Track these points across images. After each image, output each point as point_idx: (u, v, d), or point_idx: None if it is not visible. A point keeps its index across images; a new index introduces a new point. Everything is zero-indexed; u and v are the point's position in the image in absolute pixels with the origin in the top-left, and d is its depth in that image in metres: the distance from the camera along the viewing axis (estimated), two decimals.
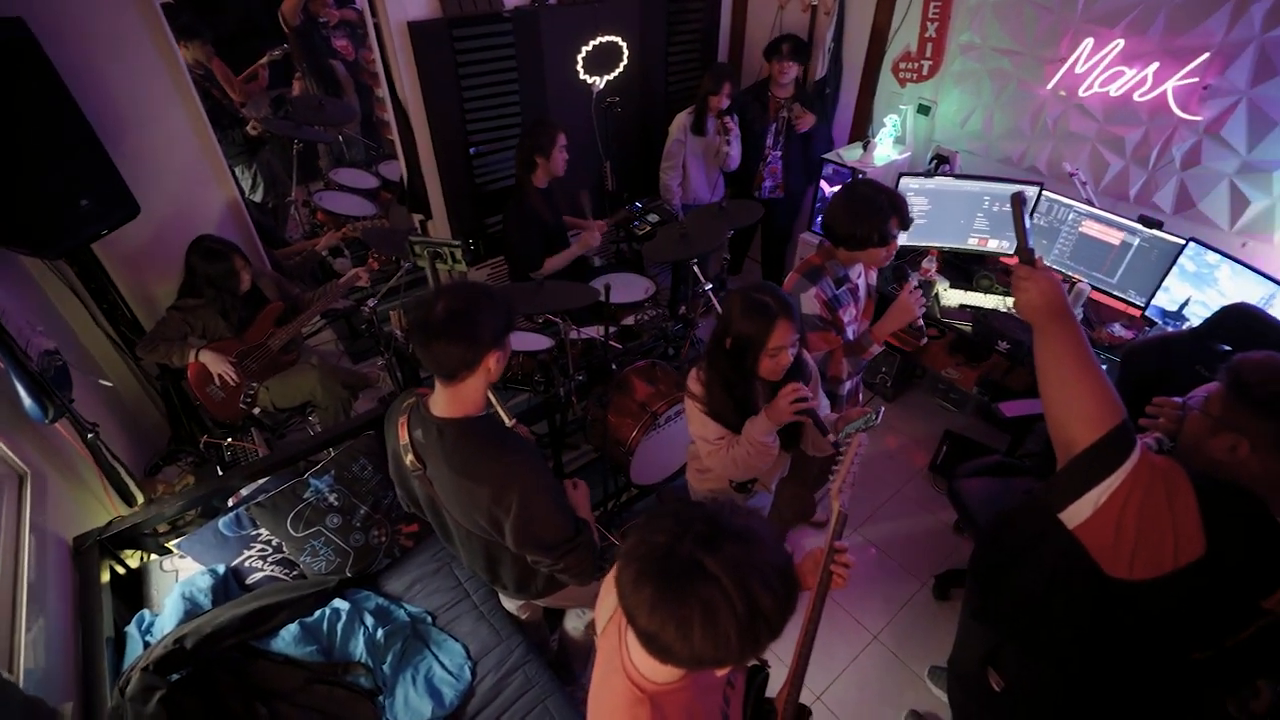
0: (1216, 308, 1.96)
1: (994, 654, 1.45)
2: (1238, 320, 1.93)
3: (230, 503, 2.11)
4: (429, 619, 1.98)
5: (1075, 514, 1.04)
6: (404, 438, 1.47)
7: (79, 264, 2.50)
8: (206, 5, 4.54)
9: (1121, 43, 2.45)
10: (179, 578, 1.92)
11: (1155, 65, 2.39)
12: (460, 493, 1.43)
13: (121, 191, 2.37)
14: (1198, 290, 2.35)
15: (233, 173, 3.01)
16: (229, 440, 2.75)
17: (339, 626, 1.81)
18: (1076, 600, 1.20)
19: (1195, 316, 2.37)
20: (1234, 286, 2.23)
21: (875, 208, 1.84)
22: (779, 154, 3.42)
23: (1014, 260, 1.15)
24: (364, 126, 4.74)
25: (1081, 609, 1.20)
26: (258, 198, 4.07)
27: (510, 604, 1.99)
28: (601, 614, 1.13)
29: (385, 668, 1.77)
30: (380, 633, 1.83)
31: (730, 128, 3.25)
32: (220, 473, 2.65)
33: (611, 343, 2.58)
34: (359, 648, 1.79)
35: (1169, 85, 2.38)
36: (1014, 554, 1.38)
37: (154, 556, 2.04)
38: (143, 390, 2.96)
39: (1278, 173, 2.28)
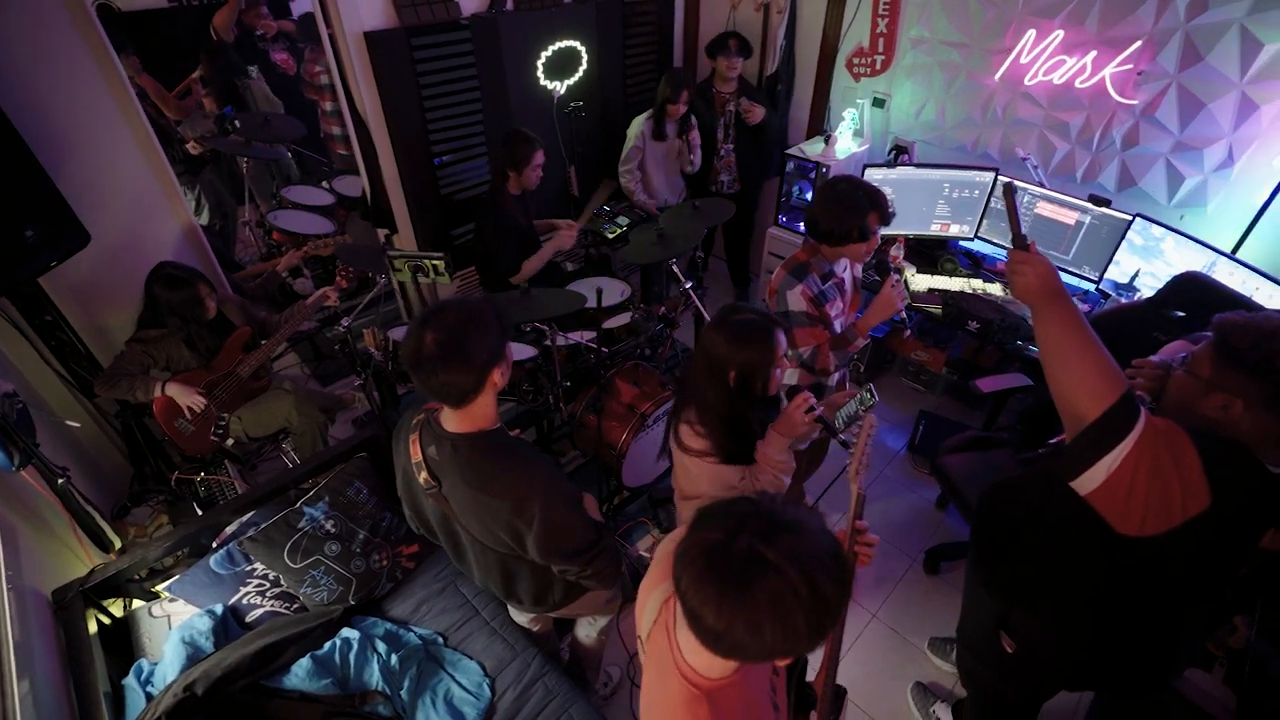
0: (1165, 278, 2.11)
1: (1004, 618, 1.52)
2: (1189, 288, 2.08)
3: (218, 540, 2.01)
4: (440, 640, 1.94)
5: (1088, 481, 1.10)
6: (416, 455, 1.44)
7: (22, 299, 2.35)
8: (127, 18, 4.31)
9: (1061, 33, 2.60)
10: (172, 622, 1.82)
11: (1093, 54, 2.55)
12: (479, 508, 1.41)
13: (69, 220, 2.24)
14: (1146, 262, 2.51)
15: None
16: (201, 475, 2.63)
17: (351, 656, 1.75)
18: (1086, 561, 1.27)
19: (1146, 287, 2.54)
20: (1178, 257, 2.40)
21: (854, 204, 1.88)
22: (731, 147, 3.49)
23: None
24: (311, 142, 4.58)
25: (1092, 569, 1.27)
26: (203, 220, 3.90)
27: (521, 618, 1.97)
28: (644, 619, 1.13)
29: (403, 694, 1.73)
30: (394, 659, 1.78)
31: (693, 139, 3.30)
32: (197, 509, 2.53)
33: (596, 346, 2.57)
34: (374, 676, 1.74)
35: (1106, 72, 2.54)
36: (1018, 523, 1.45)
37: (140, 603, 1.93)
38: (100, 430, 2.80)
39: (1207, 150, 2.46)
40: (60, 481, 1.87)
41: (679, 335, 3.40)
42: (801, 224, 2.73)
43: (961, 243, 3.12)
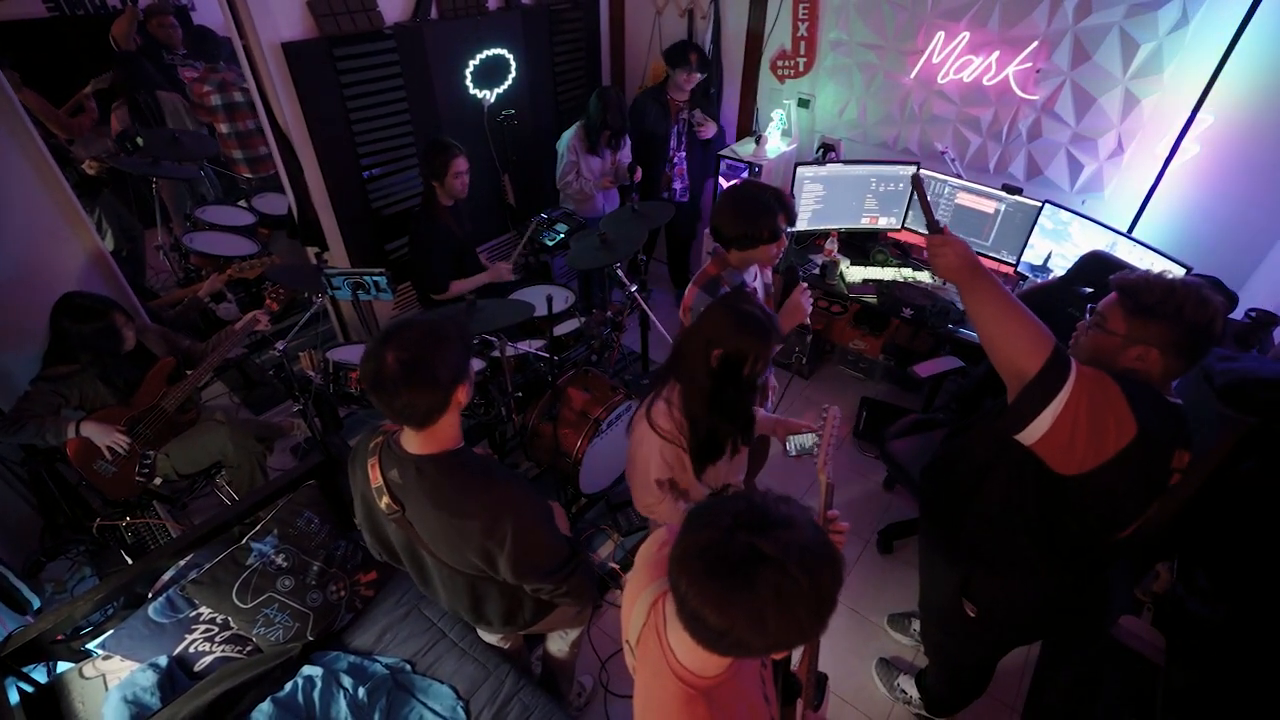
0: (1074, 258, 2.28)
1: (964, 585, 1.61)
2: (1093, 265, 2.26)
3: (154, 588, 1.87)
4: (408, 667, 1.87)
5: (1035, 430, 1.19)
6: (376, 480, 1.38)
7: None
8: (6, 30, 3.96)
9: (967, 35, 2.77)
10: (109, 682, 1.68)
11: (997, 53, 2.73)
12: (449, 531, 1.36)
13: None
14: (1056, 244, 2.71)
15: None
16: (127, 520, 2.43)
17: (315, 695, 1.67)
18: (1031, 508, 1.38)
19: (1058, 267, 2.74)
20: (1084, 238, 2.60)
21: (762, 205, 1.90)
22: (684, 155, 3.54)
23: (903, 235, 1.29)
24: (219, 160, 4.32)
25: (1037, 514, 1.38)
26: (109, 245, 3.61)
27: (490, 637, 1.92)
28: (631, 624, 1.13)
29: None
30: (361, 692, 1.71)
31: (622, 158, 3.40)
32: (126, 557, 2.34)
33: (546, 354, 2.55)
34: (342, 712, 1.66)
35: (1009, 70, 2.73)
36: (968, 488, 1.54)
37: (67, 665, 1.77)
38: (1, 479, 2.55)
39: (1100, 140, 2.69)
40: None
41: (625, 339, 3.42)
42: None
43: (890, 234, 3.27)
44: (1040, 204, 2.72)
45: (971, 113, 2.92)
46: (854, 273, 3.07)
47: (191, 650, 1.75)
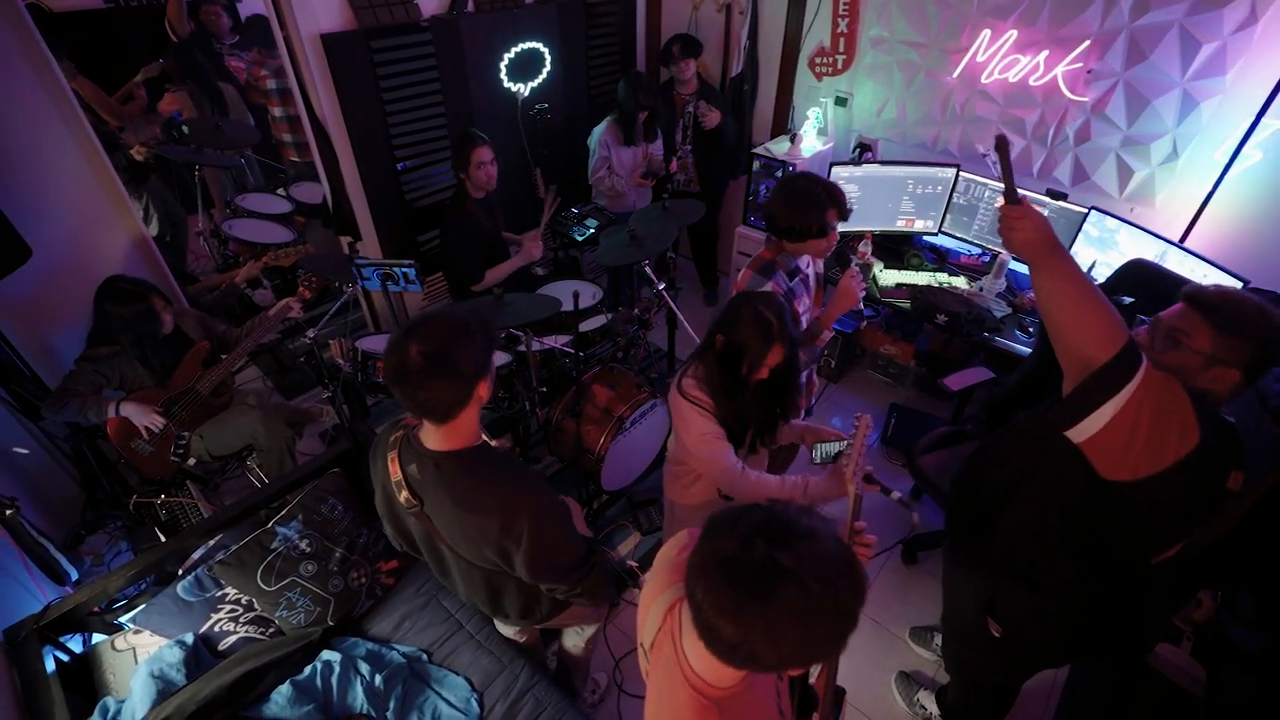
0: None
1: (990, 602, 1.55)
2: (1136, 274, 2.17)
3: (185, 566, 1.92)
4: (425, 657, 1.89)
5: (1090, 426, 1.12)
6: (396, 474, 1.38)
7: None
8: (60, 19, 4.09)
9: (1014, 33, 2.68)
10: (138, 656, 1.73)
11: (1045, 53, 2.63)
12: (466, 527, 1.37)
13: (7, 234, 2.11)
14: (1101, 253, 2.61)
15: None
16: (162, 497, 2.51)
17: (333, 679, 1.69)
18: (1070, 518, 1.31)
19: (1102, 276, 2.63)
20: (1132, 247, 2.50)
21: (813, 200, 1.88)
22: (689, 148, 3.51)
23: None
24: (266, 148, 4.42)
25: (1075, 525, 1.31)
26: (154, 230, 3.72)
27: (507, 630, 1.93)
28: (647, 628, 1.12)
29: (389, 715, 1.68)
30: (378, 679, 1.73)
31: (655, 148, 3.34)
32: (159, 534, 2.41)
33: (572, 350, 2.55)
34: (358, 698, 1.68)
35: (1058, 70, 2.63)
36: (1001, 496, 1.48)
37: (102, 637, 1.83)
38: (48, 455, 2.65)
39: (1154, 144, 2.57)
40: (9, 513, 1.76)
41: (652, 337, 3.40)
42: None
43: (926, 238, 3.19)
44: (1086, 210, 2.62)
45: (1016, 114, 2.82)
46: (887, 276, 3.00)
47: (217, 629, 1.79)
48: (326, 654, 1.76)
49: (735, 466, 1.67)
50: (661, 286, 2.73)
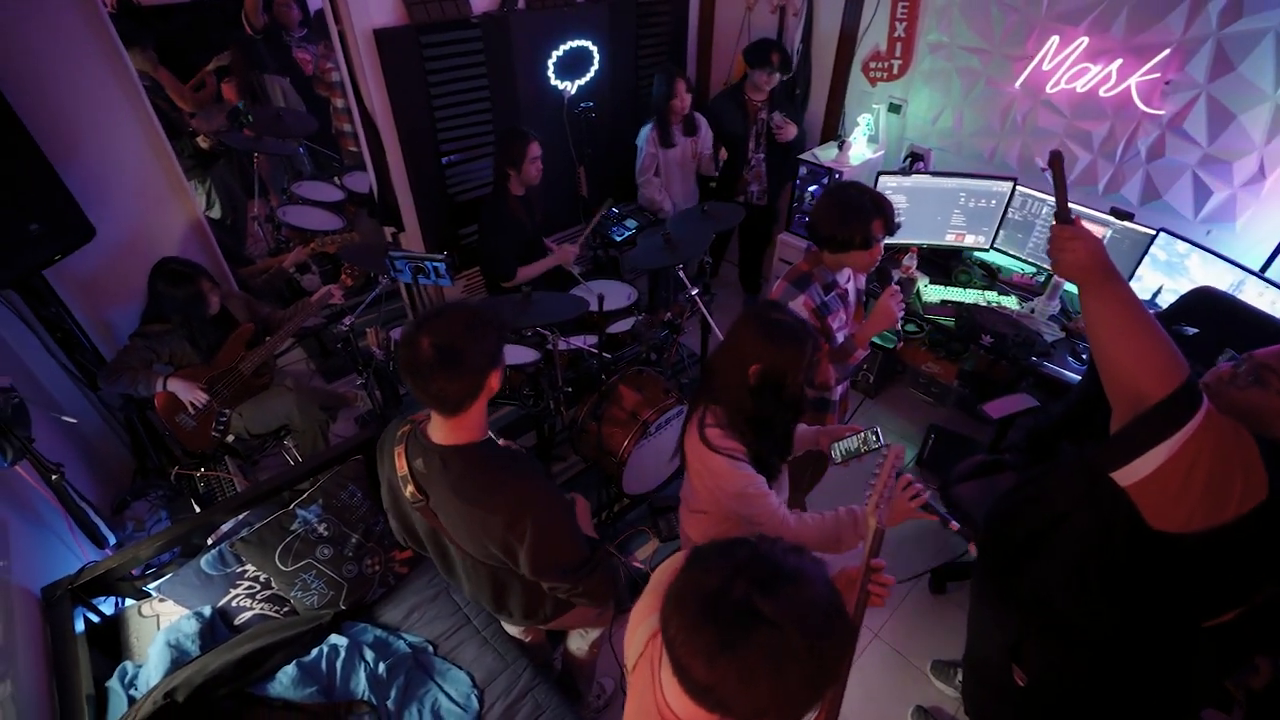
0: None
1: (1016, 648, 1.46)
2: (1202, 303, 2.00)
3: (211, 539, 2.00)
4: (430, 648, 1.91)
5: (1139, 469, 1.02)
6: (402, 468, 1.40)
7: (29, 292, 2.35)
8: (148, 11, 4.33)
9: (1085, 40, 2.51)
10: (160, 623, 1.81)
11: (1119, 62, 2.46)
12: (470, 522, 1.37)
13: (74, 213, 2.24)
14: (1170, 279, 2.43)
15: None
16: (201, 470, 2.62)
17: (338, 664, 1.73)
18: (1115, 565, 1.19)
19: (1168, 305, 2.45)
20: (1204, 274, 2.31)
21: (859, 210, 1.81)
22: (762, 157, 3.43)
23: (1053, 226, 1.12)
24: (324, 138, 4.58)
25: (1120, 574, 1.19)
26: (215, 214, 3.91)
27: (513, 629, 1.94)
28: (631, 649, 1.08)
29: (390, 704, 1.70)
30: (382, 667, 1.75)
31: (703, 138, 3.24)
32: (195, 505, 2.52)
33: (599, 352, 2.53)
34: (361, 685, 1.71)
35: (1132, 81, 2.46)
36: (1038, 536, 1.38)
37: (132, 602, 1.92)
38: (105, 423, 2.80)
39: (1237, 163, 2.37)
40: (55, 477, 1.86)
41: (685, 341, 3.36)
42: None
43: (977, 254, 3.04)
44: (1154, 232, 2.44)
45: (1083, 126, 2.65)
46: (932, 292, 2.87)
47: (234, 604, 1.85)
48: (334, 638, 1.79)
49: (784, 517, 1.55)
50: (694, 291, 2.69)
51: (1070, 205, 1.14)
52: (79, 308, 2.53)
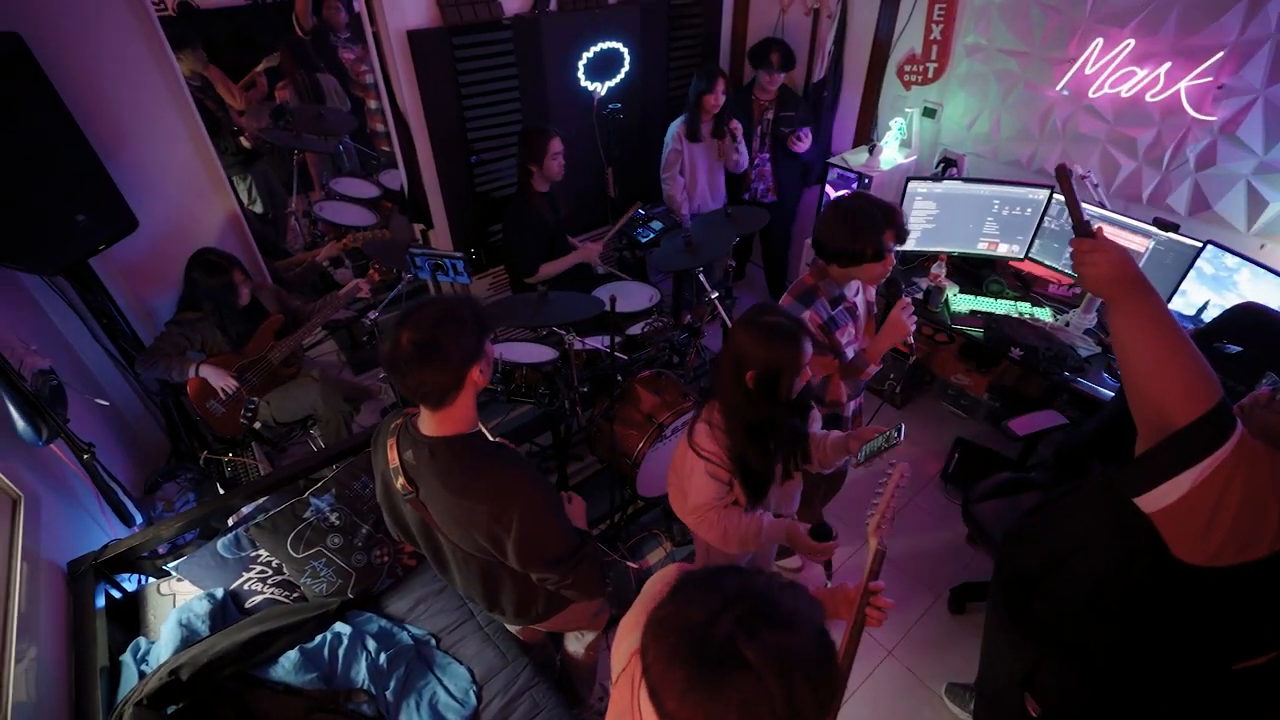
0: None
1: (1030, 676, 1.39)
2: (1247, 319, 1.89)
3: (230, 523, 2.06)
4: (433, 641, 1.93)
5: (1163, 495, 0.97)
6: (394, 460, 1.42)
7: (77, 279, 2.47)
8: (205, 13, 4.51)
9: (1132, 43, 2.40)
10: (176, 602, 1.87)
11: (1167, 65, 2.34)
12: (458, 513, 1.38)
13: (118, 205, 2.34)
14: (1217, 294, 2.30)
15: (230, 184, 2.97)
16: (229, 456, 2.71)
17: (340, 652, 1.76)
18: (1137, 595, 1.14)
19: (1210, 320, 2.32)
20: (1254, 289, 2.18)
21: (869, 221, 1.75)
22: (766, 156, 3.40)
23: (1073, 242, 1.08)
24: (363, 136, 4.71)
25: (1142, 605, 1.13)
26: (257, 209, 4.04)
27: (511, 626, 1.94)
28: (616, 660, 1.07)
29: (388, 694, 1.72)
30: (383, 658, 1.78)
31: (735, 132, 3.21)
32: (220, 490, 2.60)
33: (616, 353, 2.53)
34: (361, 674, 1.74)
35: (1182, 85, 2.34)
36: (1057, 559, 1.32)
37: (152, 580, 1.99)
38: (143, 407, 2.93)
39: None
40: (85, 456, 1.95)
41: (708, 344, 3.33)
42: None
43: (1011, 263, 2.93)
44: (1201, 244, 2.31)
45: (1127, 133, 2.53)
46: (961, 301, 2.78)
47: (246, 587, 1.91)
48: (339, 626, 1.83)
49: (729, 538, 1.62)
50: (715, 295, 2.66)
51: (1111, 214, 1.09)
52: (121, 295, 2.64)
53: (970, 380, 3.15)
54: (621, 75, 3.47)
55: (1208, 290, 2.32)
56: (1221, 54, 2.23)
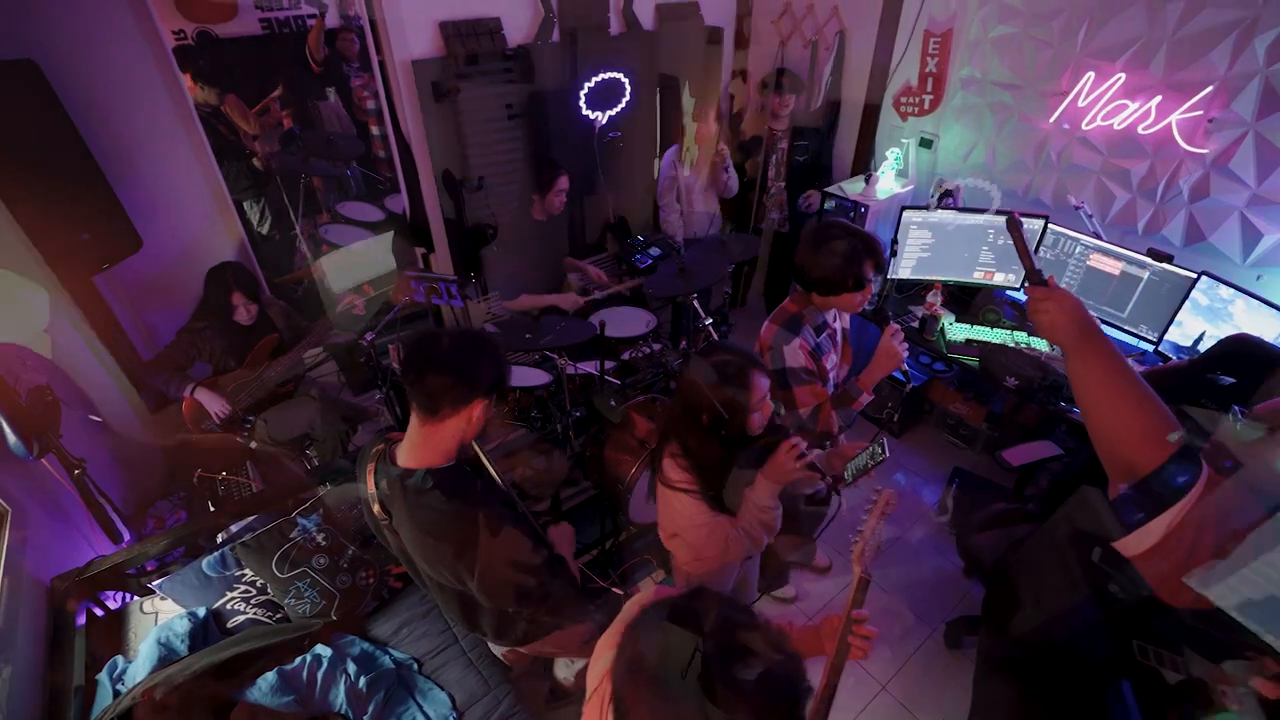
0: None
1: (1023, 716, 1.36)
2: (1238, 352, 1.87)
3: (218, 540, 2.06)
4: (415, 665, 1.90)
5: (1140, 540, 0.96)
6: (371, 487, 1.42)
7: (82, 297, 2.51)
8: (225, 42, 4.65)
9: (1123, 76, 2.43)
10: (159, 620, 1.86)
11: (1158, 99, 2.37)
12: (424, 549, 1.39)
13: (124, 225, 2.39)
14: (1212, 325, 2.28)
15: (240, 207, 3.04)
16: (223, 475, 2.71)
17: (319, 674, 1.73)
18: (1129, 634, 1.12)
19: (1202, 352, 2.30)
20: (1249, 321, 2.17)
21: (850, 251, 1.75)
22: (783, 185, 3.42)
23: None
24: (370, 161, 4.79)
25: (1138, 646, 1.12)
26: (264, 230, 4.11)
27: (497, 649, 1.91)
28: (590, 679, 1.06)
29: (366, 719, 1.69)
30: (363, 681, 1.75)
31: (723, 154, 3.26)
32: (211, 508, 2.60)
33: (609, 378, 2.53)
34: (339, 698, 1.71)
35: (1173, 118, 2.36)
36: (1047, 595, 1.30)
37: (135, 597, 1.98)
38: (140, 422, 2.94)
39: None
40: (76, 472, 1.96)
41: None
42: None
43: (1008, 293, 2.93)
44: (1195, 275, 2.30)
45: (1120, 164, 2.55)
46: (956, 330, 2.77)
47: (229, 607, 1.89)
48: (319, 648, 1.81)
49: (713, 523, 1.58)
50: (708, 321, 2.67)
51: (1108, 245, 1.10)
52: (122, 311, 2.68)
53: (969, 409, 3.13)
54: (623, 104, 3.53)
55: (1203, 321, 2.31)
56: (1211, 88, 2.25)
